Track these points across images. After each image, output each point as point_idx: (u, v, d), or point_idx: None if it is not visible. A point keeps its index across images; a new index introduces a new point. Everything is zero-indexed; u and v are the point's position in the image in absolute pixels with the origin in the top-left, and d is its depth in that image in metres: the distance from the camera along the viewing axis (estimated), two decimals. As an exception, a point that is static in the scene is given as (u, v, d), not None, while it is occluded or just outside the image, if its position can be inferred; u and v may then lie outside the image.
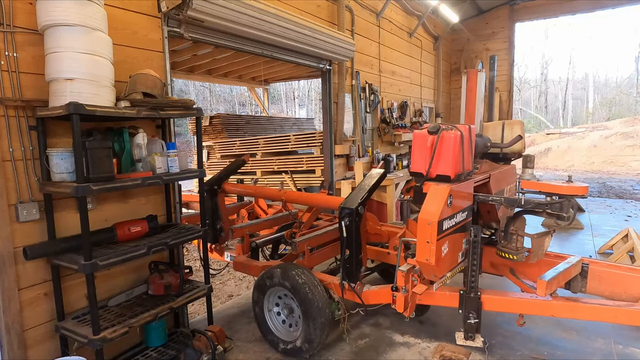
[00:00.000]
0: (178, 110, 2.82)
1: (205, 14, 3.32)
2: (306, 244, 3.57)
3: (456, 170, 2.74)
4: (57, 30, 2.26)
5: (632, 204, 9.06)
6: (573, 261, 2.89)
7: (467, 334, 2.85)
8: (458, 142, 2.73)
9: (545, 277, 2.61)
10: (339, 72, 5.69)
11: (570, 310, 2.67)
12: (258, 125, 8.90)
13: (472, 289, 2.81)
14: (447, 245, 2.69)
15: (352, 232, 3.02)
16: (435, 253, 2.55)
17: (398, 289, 2.85)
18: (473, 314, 2.80)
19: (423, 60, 9.06)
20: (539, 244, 2.96)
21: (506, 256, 2.97)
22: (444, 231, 2.61)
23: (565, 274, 2.79)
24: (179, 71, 6.84)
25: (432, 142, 2.77)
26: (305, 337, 3.06)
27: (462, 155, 2.77)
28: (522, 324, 2.83)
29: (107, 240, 2.62)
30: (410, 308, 2.87)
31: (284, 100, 28.59)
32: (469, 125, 2.92)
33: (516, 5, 10.01)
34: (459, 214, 2.78)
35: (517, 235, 2.96)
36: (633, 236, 5.07)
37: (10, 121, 2.34)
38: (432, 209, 2.58)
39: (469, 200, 2.92)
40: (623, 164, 16.36)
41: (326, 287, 3.25)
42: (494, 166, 3.56)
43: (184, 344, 2.96)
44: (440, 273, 2.77)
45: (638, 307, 2.54)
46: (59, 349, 2.56)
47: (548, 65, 37.68)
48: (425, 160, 2.80)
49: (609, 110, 32.79)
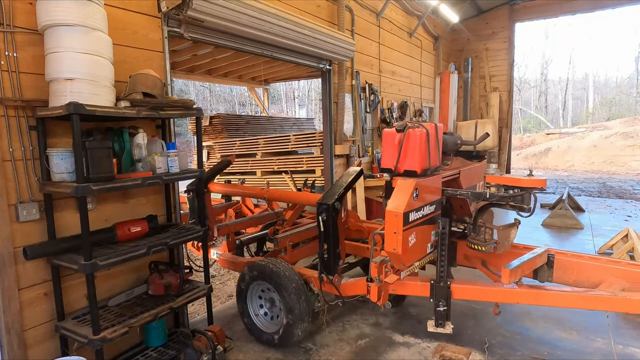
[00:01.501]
0: (178, 110, 2.82)
1: (205, 14, 3.32)
2: (288, 240, 3.75)
3: (422, 166, 2.88)
4: (57, 30, 2.26)
5: (632, 204, 9.06)
6: (538, 252, 3.02)
7: (438, 322, 2.98)
8: (424, 139, 2.87)
9: (510, 266, 2.75)
10: (339, 72, 5.69)
11: (534, 297, 2.79)
12: (258, 125, 8.90)
13: (441, 278, 2.94)
14: (415, 236, 2.83)
15: (329, 227, 3.18)
16: (401, 243, 2.68)
17: (372, 280, 2.96)
18: (442, 302, 2.93)
19: (423, 60, 9.06)
20: (504, 235, 3.08)
21: (475, 248, 3.09)
22: (410, 222, 2.75)
23: (530, 264, 2.92)
24: (179, 71, 6.84)
25: (399, 139, 2.89)
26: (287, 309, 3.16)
27: (428, 151, 2.91)
28: (497, 313, 2.95)
29: (107, 240, 2.62)
30: (383, 297, 2.98)
31: (284, 100, 28.59)
32: (436, 123, 3.06)
33: (516, 5, 10.01)
34: (426, 206, 2.92)
35: (485, 228, 3.08)
36: (633, 236, 5.07)
37: (10, 121, 2.34)
38: (398, 202, 2.72)
39: (437, 195, 3.07)
40: (623, 164, 16.36)
41: (306, 280, 3.38)
42: (465, 163, 3.70)
43: (184, 344, 2.96)
44: (408, 262, 2.89)
45: (594, 292, 2.68)
46: (59, 349, 2.56)
47: (548, 65, 37.69)
48: (393, 156, 2.93)
49: (609, 110, 32.79)
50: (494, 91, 10.50)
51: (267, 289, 3.36)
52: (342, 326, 3.69)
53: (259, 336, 3.43)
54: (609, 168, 16.38)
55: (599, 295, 2.62)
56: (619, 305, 2.56)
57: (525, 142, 22.94)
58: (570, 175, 15.50)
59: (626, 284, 2.73)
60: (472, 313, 3.88)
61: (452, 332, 3.02)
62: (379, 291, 2.95)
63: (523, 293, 2.81)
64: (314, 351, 3.29)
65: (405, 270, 2.98)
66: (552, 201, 8.83)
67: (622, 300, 2.53)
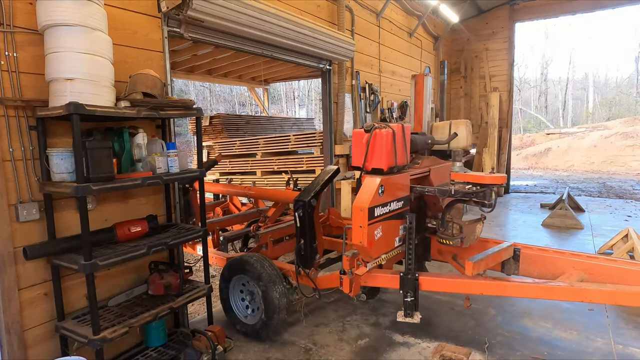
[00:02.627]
0: (178, 110, 2.82)
1: (205, 14, 3.32)
2: (269, 236, 3.97)
3: (389, 164, 3.00)
4: (57, 30, 2.26)
5: (632, 204, 9.06)
6: (504, 246, 3.20)
7: (406, 312, 3.09)
8: (390, 139, 3.00)
9: (473, 259, 2.91)
10: (339, 72, 5.69)
11: (497, 288, 2.92)
12: (258, 125, 8.90)
13: (409, 271, 3.07)
14: (381, 229, 2.96)
15: (306, 223, 3.31)
16: (367, 236, 2.82)
17: (345, 272, 3.08)
18: (410, 293, 3.05)
19: (423, 60, 9.06)
20: (470, 229, 3.22)
21: (444, 242, 3.23)
22: (375, 217, 2.88)
23: (495, 257, 3.10)
24: (179, 71, 6.84)
25: (366, 139, 3.03)
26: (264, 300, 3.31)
27: (395, 150, 3.04)
28: (468, 305, 3.07)
29: (107, 240, 2.62)
30: (354, 289, 3.11)
31: (284, 100, 28.58)
32: (403, 124, 3.20)
33: (516, 5, 10.01)
34: (393, 202, 3.05)
35: (453, 223, 3.21)
36: (633, 236, 5.07)
37: (10, 121, 2.34)
38: (363, 198, 2.86)
39: (405, 191, 3.20)
40: (623, 164, 16.36)
41: (285, 273, 3.55)
42: (437, 162, 3.85)
43: (184, 344, 2.96)
44: (375, 254, 3.02)
45: (552, 283, 2.82)
46: (59, 349, 2.56)
47: (548, 65, 37.67)
48: (361, 155, 3.07)
49: (609, 110, 32.77)
50: (494, 91, 10.50)
51: (247, 282, 3.51)
52: (342, 326, 3.70)
53: (242, 328, 3.55)
54: (609, 168, 16.38)
55: (556, 286, 2.78)
56: (574, 294, 2.72)
57: (525, 142, 22.94)
58: (570, 175, 15.50)
59: (585, 275, 2.91)
60: (472, 313, 3.88)
61: (420, 322, 3.15)
62: (351, 283, 3.08)
63: (487, 284, 2.94)
64: (314, 351, 3.29)
65: (372, 262, 3.09)
66: (552, 201, 8.84)
67: (577, 290, 2.69)
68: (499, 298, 4.20)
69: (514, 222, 7.56)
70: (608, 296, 2.65)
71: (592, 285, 2.74)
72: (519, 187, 12.09)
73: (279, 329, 3.47)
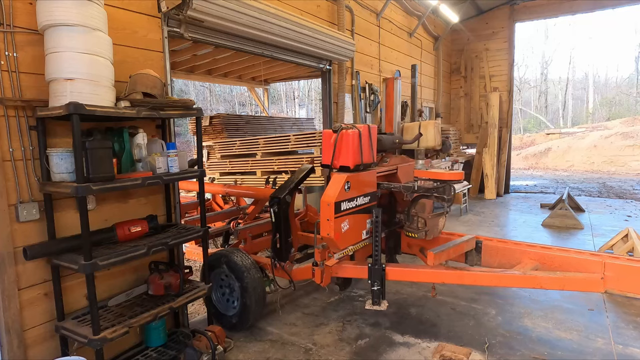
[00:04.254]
0: (178, 110, 2.82)
1: (205, 14, 3.32)
2: (247, 232, 4.21)
3: (355, 162, 3.19)
4: (57, 30, 2.26)
5: (632, 204, 9.06)
6: (466, 238, 3.43)
7: (374, 300, 3.25)
8: (356, 139, 3.19)
9: (435, 250, 3.16)
10: (339, 72, 5.69)
11: (457, 277, 3.15)
12: (258, 125, 8.88)
13: (376, 262, 3.22)
14: (348, 223, 3.15)
15: (281, 218, 3.46)
16: (334, 228, 3.01)
17: (317, 264, 3.27)
18: (377, 283, 3.22)
19: (423, 60, 9.06)
20: (434, 223, 3.42)
21: (410, 235, 3.46)
22: (342, 211, 3.06)
23: (456, 249, 3.32)
24: (179, 71, 6.83)
25: (334, 139, 3.21)
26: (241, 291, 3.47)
27: (361, 149, 3.23)
28: (434, 295, 3.32)
29: (107, 240, 2.62)
30: (325, 279, 3.29)
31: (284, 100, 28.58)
32: (369, 125, 3.40)
33: (516, 5, 10.01)
34: (359, 197, 3.23)
35: (417, 217, 3.40)
36: (633, 236, 5.07)
37: (10, 121, 2.34)
38: (330, 193, 3.04)
39: (371, 188, 3.37)
40: (623, 164, 16.37)
41: (262, 267, 3.76)
42: (405, 160, 4.03)
43: (184, 344, 2.96)
44: (342, 246, 3.18)
45: (507, 272, 3.03)
46: (59, 349, 2.56)
47: (548, 65, 37.66)
48: (330, 154, 3.26)
49: (609, 110, 32.79)
50: (494, 91, 10.50)
51: (226, 276, 3.65)
52: (342, 326, 3.70)
53: (222, 320, 3.67)
54: (609, 168, 16.39)
55: (510, 274, 3.00)
56: (525, 281, 2.96)
57: (525, 142, 22.95)
58: (570, 175, 15.50)
59: (539, 265, 3.13)
60: (472, 313, 3.88)
61: (386, 309, 3.35)
62: (322, 274, 3.26)
63: (447, 274, 3.14)
64: (314, 351, 3.29)
65: (339, 253, 3.25)
66: (552, 201, 8.84)
67: (529, 277, 2.92)
68: (499, 298, 4.20)
69: (514, 222, 7.56)
70: (557, 282, 2.87)
71: (542, 273, 2.95)
72: (519, 187, 12.09)
73: (256, 319, 3.63)
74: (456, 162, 9.05)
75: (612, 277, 2.76)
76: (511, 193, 10.80)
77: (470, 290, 4.41)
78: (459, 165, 9.23)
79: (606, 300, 4.10)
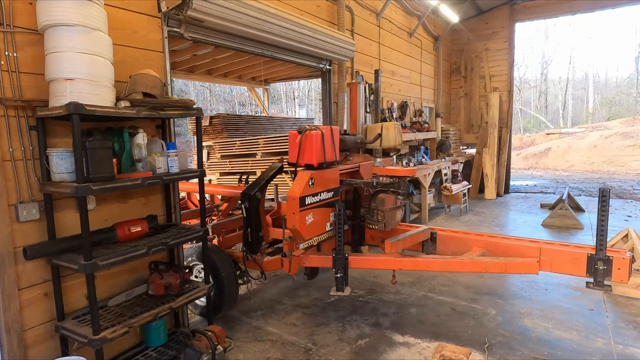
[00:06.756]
0: (178, 110, 2.82)
1: (205, 14, 3.32)
2: (221, 228, 4.46)
3: (318, 160, 3.44)
4: (57, 30, 2.26)
5: (632, 204, 9.06)
6: (421, 229, 3.73)
7: (338, 287, 3.47)
8: (319, 139, 3.43)
9: (391, 239, 3.42)
10: (339, 72, 5.69)
11: (412, 264, 3.40)
12: (258, 125, 8.88)
13: (339, 251, 3.44)
14: (312, 216, 3.39)
15: (251, 213, 3.66)
16: (299, 221, 3.25)
17: (285, 255, 3.52)
18: (341, 271, 3.45)
19: (423, 60, 9.06)
20: (391, 216, 3.67)
21: (370, 227, 3.73)
22: (306, 205, 3.31)
23: (412, 238, 3.59)
24: (179, 71, 6.83)
25: (299, 139, 3.46)
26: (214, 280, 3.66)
27: (324, 149, 3.47)
28: (394, 282, 3.56)
29: (107, 240, 2.62)
30: (292, 268, 3.56)
31: (284, 100, 28.57)
32: (332, 126, 3.66)
33: (516, 5, 10.01)
34: (323, 193, 3.49)
35: (377, 210, 3.64)
36: (633, 236, 5.07)
37: (10, 121, 2.34)
38: (296, 188, 3.28)
39: (335, 184, 3.65)
40: (623, 164, 16.37)
41: (236, 259, 4.00)
42: (367, 158, 4.31)
43: (184, 344, 2.96)
44: (307, 237, 3.41)
45: (456, 258, 3.31)
46: (59, 349, 2.56)
47: (548, 65, 37.63)
48: (296, 153, 3.49)
49: (609, 110, 32.78)
50: (494, 91, 10.50)
51: (202, 269, 3.82)
52: (342, 326, 3.70)
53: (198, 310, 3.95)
54: (609, 168, 16.39)
55: (459, 260, 3.27)
56: (473, 266, 3.25)
57: (525, 142, 22.95)
58: (570, 175, 15.50)
59: (486, 251, 3.40)
60: (472, 313, 3.89)
61: (349, 294, 3.69)
62: (290, 263, 3.53)
63: (403, 261, 3.41)
64: (314, 351, 3.29)
65: (304, 244, 3.46)
66: (552, 201, 8.84)
67: (475, 263, 3.21)
68: (499, 298, 4.20)
69: (514, 222, 7.57)
70: (500, 266, 3.17)
71: (487, 258, 3.25)
72: (519, 187, 12.09)
73: (229, 307, 3.91)
74: (456, 162, 9.06)
75: (546, 260, 3.10)
76: (511, 193, 10.80)
77: (470, 290, 4.41)
78: (459, 165, 9.24)
79: (606, 300, 4.10)
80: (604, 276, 2.89)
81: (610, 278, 2.88)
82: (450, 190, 7.90)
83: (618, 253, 2.90)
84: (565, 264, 3.05)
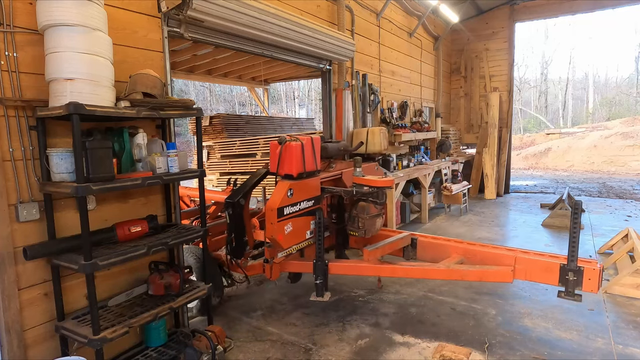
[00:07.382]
0: (178, 110, 2.82)
1: (205, 14, 3.32)
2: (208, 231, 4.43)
3: (298, 170, 3.47)
4: (57, 30, 2.26)
5: (632, 204, 9.06)
6: (401, 236, 3.77)
7: (318, 293, 3.53)
8: (299, 150, 3.47)
9: (369, 247, 3.48)
10: (339, 72, 5.69)
11: (390, 271, 3.48)
12: (258, 125, 8.90)
13: (319, 258, 3.49)
14: (291, 225, 3.42)
15: (235, 219, 3.70)
16: (277, 231, 3.28)
17: (267, 261, 3.62)
18: (320, 277, 3.50)
19: (423, 60, 9.06)
20: (371, 223, 3.71)
21: (352, 233, 3.82)
22: (284, 215, 3.34)
23: (392, 245, 3.63)
24: (179, 71, 6.84)
25: (279, 150, 3.50)
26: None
27: (303, 159, 3.51)
28: (380, 286, 3.71)
29: (107, 240, 2.62)
30: (274, 274, 3.66)
31: (284, 100, 28.58)
32: (312, 136, 3.69)
33: (516, 5, 10.01)
34: (303, 202, 3.52)
35: (358, 217, 3.72)
36: (633, 236, 5.07)
37: (10, 121, 2.34)
38: (274, 199, 3.30)
39: (315, 192, 3.68)
40: (623, 164, 16.37)
41: (221, 263, 4.07)
42: (350, 165, 4.26)
43: (184, 344, 2.96)
44: (286, 245, 3.45)
45: (433, 265, 3.37)
46: (59, 349, 2.56)
47: (548, 65, 37.63)
48: (276, 163, 3.52)
49: (609, 110, 32.78)
50: (494, 91, 10.50)
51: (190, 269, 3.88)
52: (342, 326, 3.70)
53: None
54: (609, 168, 16.38)
55: (436, 268, 3.31)
56: (449, 274, 3.29)
57: (525, 142, 22.95)
58: (570, 175, 15.50)
59: (464, 259, 3.44)
60: (472, 313, 3.89)
61: (329, 300, 3.70)
62: (271, 269, 3.64)
63: (381, 268, 3.46)
64: (314, 351, 3.29)
65: (282, 252, 3.55)
66: (552, 201, 8.84)
67: (452, 270, 3.26)
68: (499, 298, 4.20)
69: (514, 222, 7.56)
70: (476, 274, 3.22)
71: (464, 267, 3.28)
72: (519, 187, 12.09)
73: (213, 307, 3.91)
74: (456, 162, 9.06)
75: (520, 269, 3.15)
76: (511, 193, 10.80)
77: (470, 290, 4.41)
78: (459, 165, 9.24)
79: (606, 300, 4.10)
80: (575, 286, 2.94)
81: (581, 288, 2.93)
82: (450, 190, 7.90)
83: (589, 264, 2.95)
84: (539, 273, 3.09)
